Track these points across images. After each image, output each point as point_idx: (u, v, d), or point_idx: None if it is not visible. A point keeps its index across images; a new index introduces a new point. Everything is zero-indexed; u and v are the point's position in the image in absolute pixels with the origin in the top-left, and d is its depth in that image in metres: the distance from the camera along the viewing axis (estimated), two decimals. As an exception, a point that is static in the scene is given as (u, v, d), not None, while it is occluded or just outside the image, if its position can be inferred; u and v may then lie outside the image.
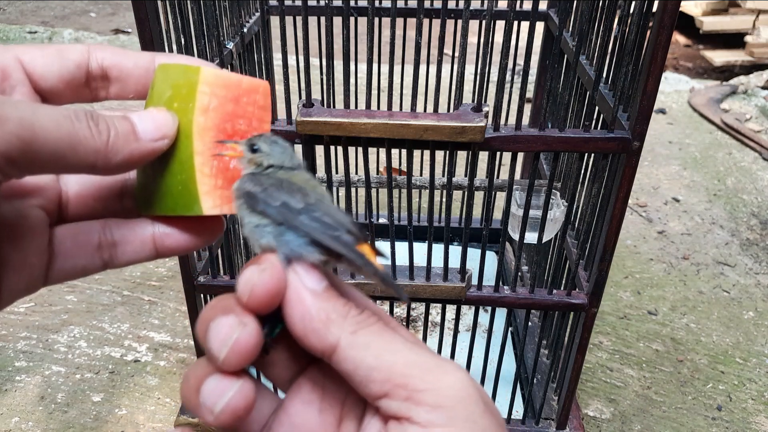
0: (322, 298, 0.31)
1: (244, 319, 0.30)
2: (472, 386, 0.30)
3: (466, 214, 0.78)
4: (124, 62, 0.35)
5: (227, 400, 0.30)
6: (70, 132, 0.28)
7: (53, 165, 0.29)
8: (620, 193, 0.76)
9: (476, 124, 0.69)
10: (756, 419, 1.13)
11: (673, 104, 2.44)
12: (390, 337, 0.31)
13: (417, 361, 0.30)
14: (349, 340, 0.30)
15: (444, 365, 0.30)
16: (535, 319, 1.17)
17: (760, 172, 1.97)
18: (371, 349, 0.30)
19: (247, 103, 0.36)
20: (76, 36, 2.91)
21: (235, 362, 0.30)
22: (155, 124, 0.32)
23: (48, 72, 0.33)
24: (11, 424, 1.06)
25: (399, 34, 1.05)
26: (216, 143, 0.34)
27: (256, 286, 0.30)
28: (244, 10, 1.01)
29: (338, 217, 0.32)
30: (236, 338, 0.30)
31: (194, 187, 0.33)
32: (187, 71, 0.34)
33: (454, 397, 0.29)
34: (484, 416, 0.30)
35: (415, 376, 0.30)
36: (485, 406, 0.30)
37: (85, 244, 0.34)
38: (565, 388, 0.93)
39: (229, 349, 0.30)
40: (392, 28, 0.91)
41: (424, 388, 0.29)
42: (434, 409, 0.29)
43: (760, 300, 1.43)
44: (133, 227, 0.35)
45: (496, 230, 1.33)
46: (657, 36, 0.66)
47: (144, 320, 1.30)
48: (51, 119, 0.28)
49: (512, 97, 1.19)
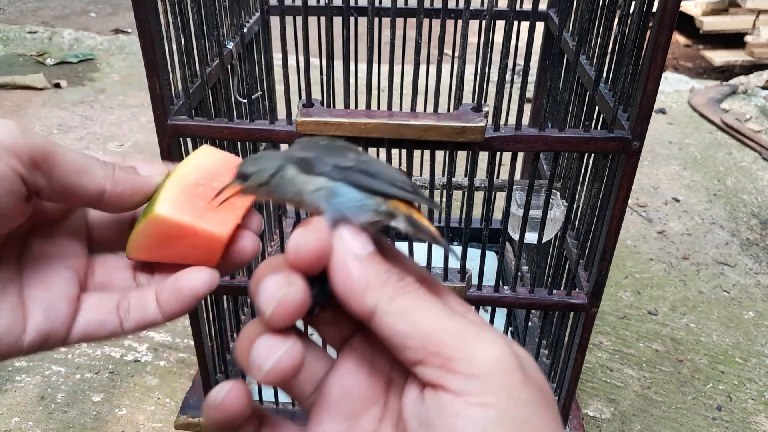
0: (365, 263, 0.31)
1: (291, 279, 0.31)
2: (510, 356, 0.30)
3: (466, 214, 0.78)
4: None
5: (275, 360, 0.31)
6: (83, 157, 0.34)
7: (67, 180, 0.33)
8: (620, 193, 0.76)
9: (476, 124, 0.69)
10: (756, 419, 1.13)
11: (673, 104, 2.44)
12: (429, 305, 0.31)
13: (454, 328, 0.30)
14: (385, 306, 0.30)
15: (483, 333, 0.30)
16: (535, 319, 1.17)
17: (760, 172, 1.97)
18: (407, 316, 0.30)
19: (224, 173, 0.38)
20: (76, 36, 2.91)
21: (281, 319, 0.31)
22: (150, 164, 0.38)
23: None
24: (11, 424, 1.06)
25: (399, 34, 1.05)
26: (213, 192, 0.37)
27: (301, 248, 0.31)
28: (244, 10, 1.01)
29: (390, 173, 0.32)
30: (282, 296, 0.30)
31: (156, 197, 0.36)
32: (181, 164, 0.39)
33: (489, 366, 0.29)
34: (523, 387, 0.29)
35: (450, 344, 0.30)
36: (525, 376, 0.30)
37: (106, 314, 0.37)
38: (565, 388, 0.93)
39: (275, 305, 0.30)
40: (392, 28, 0.91)
41: (459, 357, 0.29)
42: (467, 377, 0.29)
43: (760, 300, 1.43)
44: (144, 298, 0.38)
45: (496, 230, 1.33)
46: (657, 36, 0.66)
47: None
48: (67, 147, 0.33)
49: (512, 97, 1.19)
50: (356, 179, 0.31)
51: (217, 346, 0.98)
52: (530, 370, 0.31)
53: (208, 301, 0.94)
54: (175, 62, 0.76)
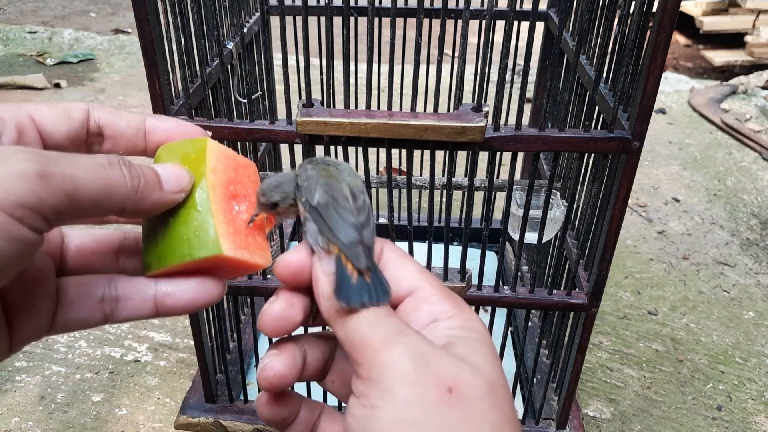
0: (330, 278, 0.35)
1: (276, 297, 0.37)
2: (404, 359, 0.31)
3: (466, 214, 0.78)
4: (117, 122, 0.38)
5: (262, 366, 0.36)
6: (105, 180, 0.31)
7: (91, 212, 0.31)
8: (620, 193, 0.76)
9: (476, 124, 0.69)
10: (756, 419, 1.13)
11: (673, 104, 2.44)
12: (361, 315, 0.33)
13: (369, 335, 0.32)
14: (332, 315, 0.34)
15: (391, 340, 0.32)
16: (535, 319, 1.17)
17: (760, 172, 1.97)
18: (345, 325, 0.33)
19: (243, 174, 0.40)
20: (76, 36, 2.91)
21: (268, 328, 0.36)
22: (176, 177, 0.35)
23: (57, 130, 0.36)
24: (11, 424, 1.06)
25: (399, 34, 1.05)
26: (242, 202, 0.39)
27: (280, 264, 0.36)
28: (244, 10, 1.01)
29: (338, 222, 0.37)
30: (265, 308, 0.36)
31: (213, 230, 0.35)
32: (194, 141, 0.38)
33: (382, 370, 0.31)
34: (410, 387, 0.30)
35: (359, 350, 0.32)
36: (416, 377, 0.30)
37: (89, 297, 0.35)
38: (565, 388, 0.93)
39: (261, 317, 0.36)
40: (392, 28, 0.91)
41: (363, 362, 0.32)
42: (365, 381, 0.31)
43: (760, 300, 1.43)
44: (136, 284, 0.36)
45: (496, 230, 1.33)
46: (657, 36, 0.66)
47: (144, 320, 1.30)
48: (88, 170, 0.30)
49: (512, 97, 1.19)
50: (312, 215, 0.37)
51: (217, 346, 0.98)
52: (434, 370, 0.31)
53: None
54: (175, 62, 0.76)
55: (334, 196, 0.37)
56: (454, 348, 0.33)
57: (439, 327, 0.35)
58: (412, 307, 0.36)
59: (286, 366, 0.36)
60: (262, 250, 0.38)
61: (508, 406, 0.32)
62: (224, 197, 0.37)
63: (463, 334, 0.34)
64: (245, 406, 1.01)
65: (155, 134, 0.39)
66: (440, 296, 0.36)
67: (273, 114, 0.78)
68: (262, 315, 0.36)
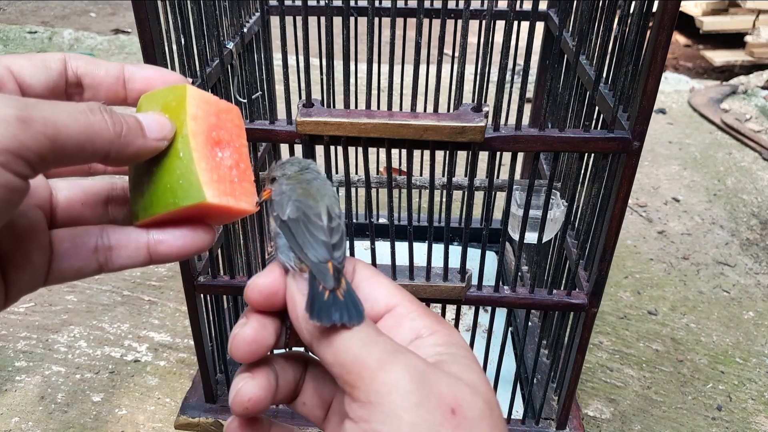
0: (305, 296, 0.34)
1: (246, 319, 0.35)
2: (406, 380, 0.30)
3: (466, 214, 0.78)
4: (96, 71, 0.37)
5: (235, 391, 0.35)
6: (87, 125, 0.30)
7: (74, 157, 0.31)
8: (620, 193, 0.76)
9: (476, 124, 0.69)
10: (756, 419, 1.13)
11: (673, 104, 2.44)
12: (351, 333, 0.32)
13: (362, 356, 0.31)
14: (315, 336, 0.33)
15: (390, 358, 0.31)
16: (535, 319, 1.17)
17: (760, 172, 1.97)
18: (331, 346, 0.32)
19: (225, 120, 0.39)
20: (76, 36, 2.91)
21: (239, 353, 0.34)
22: (158, 125, 0.35)
23: (36, 81, 0.35)
24: (11, 424, 1.06)
25: (399, 34, 1.05)
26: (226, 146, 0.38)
27: (251, 288, 0.35)
28: (244, 10, 1.01)
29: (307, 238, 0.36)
30: (236, 332, 0.35)
31: (195, 178, 0.35)
32: (174, 89, 0.37)
33: (383, 392, 0.30)
34: (414, 410, 0.29)
35: (354, 372, 0.31)
36: (420, 399, 0.30)
37: (83, 247, 0.35)
38: (565, 388, 0.93)
39: (231, 340, 0.35)
40: (392, 28, 0.91)
41: (359, 385, 0.31)
42: (363, 405, 0.30)
43: (760, 300, 1.43)
44: (128, 233, 0.36)
45: (496, 230, 1.33)
46: (657, 36, 0.66)
47: (144, 320, 1.30)
48: (69, 115, 0.30)
49: (512, 97, 1.19)
50: (283, 230, 0.37)
51: (217, 346, 0.98)
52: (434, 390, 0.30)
53: (209, 301, 0.94)
54: (175, 62, 0.76)
55: (306, 213, 0.37)
56: (447, 366, 0.32)
57: (425, 343, 0.34)
58: (392, 323, 0.35)
59: (261, 389, 0.35)
60: (248, 196, 0.38)
61: (503, 426, 0.32)
62: (206, 144, 0.36)
63: (451, 350, 0.34)
64: (245, 406, 1.00)
65: (135, 82, 0.38)
66: (419, 312, 0.35)
67: (273, 114, 0.78)
68: (234, 339, 0.35)
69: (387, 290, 0.36)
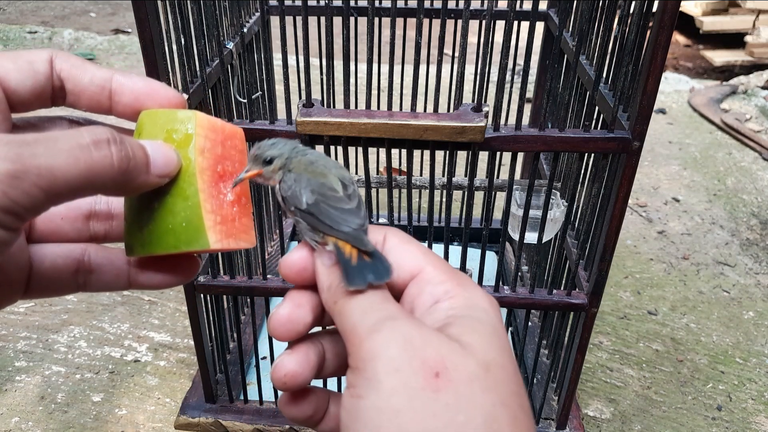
0: (329, 270, 0.35)
1: (285, 299, 0.36)
2: (390, 346, 0.30)
3: (466, 214, 0.78)
4: (80, 77, 0.36)
5: (275, 366, 0.35)
6: (88, 166, 0.29)
7: (69, 199, 0.29)
8: (620, 193, 0.76)
9: (476, 124, 0.69)
10: (756, 419, 1.13)
11: (673, 104, 2.44)
12: (357, 302, 0.32)
13: (358, 324, 0.31)
14: (332, 307, 0.34)
15: (377, 327, 0.31)
16: (535, 319, 1.17)
17: (760, 172, 1.97)
18: (342, 315, 0.33)
19: (230, 147, 0.38)
20: (76, 36, 2.91)
21: (278, 333, 0.35)
22: (165, 159, 0.33)
23: (21, 87, 0.34)
24: (11, 424, 1.06)
25: (399, 34, 1.05)
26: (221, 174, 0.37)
27: (284, 264, 0.36)
28: (244, 10, 1.01)
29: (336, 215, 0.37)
30: (273, 313, 0.36)
31: (200, 222, 0.34)
32: (182, 114, 0.36)
33: (366, 359, 0.30)
34: (394, 374, 0.29)
35: (349, 340, 0.32)
36: (401, 364, 0.29)
37: (63, 269, 0.35)
38: (565, 388, 0.93)
39: (269, 322, 0.36)
40: (392, 28, 0.91)
41: (353, 351, 0.31)
42: (352, 371, 0.31)
43: (760, 300, 1.43)
44: (110, 257, 0.36)
45: (496, 230, 1.33)
46: (657, 36, 0.66)
47: (144, 320, 1.30)
48: (69, 156, 0.28)
49: (512, 97, 1.19)
50: (307, 219, 0.37)
51: (217, 346, 0.98)
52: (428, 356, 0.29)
53: (209, 301, 0.94)
54: (175, 62, 0.76)
55: (322, 193, 0.37)
56: (449, 329, 0.31)
57: (439, 308, 0.33)
58: (416, 291, 0.35)
59: (298, 365, 0.35)
60: (247, 232, 0.38)
61: (506, 389, 0.30)
62: (212, 181, 0.36)
63: (462, 313, 0.33)
64: (245, 406, 1.01)
65: (123, 95, 0.36)
66: (444, 277, 0.34)
67: (273, 114, 0.78)
68: (271, 319, 0.35)
69: (413, 256, 0.36)
